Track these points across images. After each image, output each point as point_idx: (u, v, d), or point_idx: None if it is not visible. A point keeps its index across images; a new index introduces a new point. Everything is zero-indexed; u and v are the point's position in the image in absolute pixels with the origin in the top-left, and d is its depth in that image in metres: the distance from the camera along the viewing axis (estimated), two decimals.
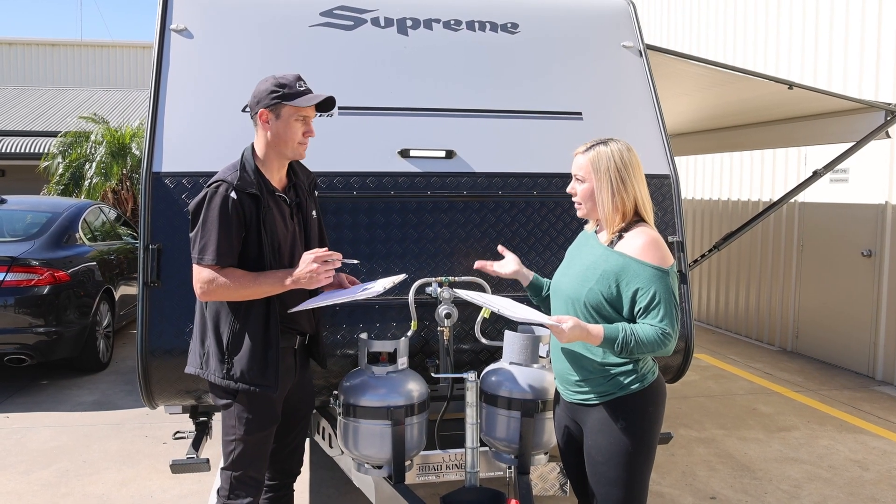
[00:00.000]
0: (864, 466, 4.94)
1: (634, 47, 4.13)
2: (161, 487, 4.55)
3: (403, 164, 3.59)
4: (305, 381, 3.01)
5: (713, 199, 9.91)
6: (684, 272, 3.62)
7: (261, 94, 2.68)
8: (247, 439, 2.72)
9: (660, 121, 3.95)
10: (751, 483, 4.64)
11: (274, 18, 3.78)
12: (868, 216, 7.25)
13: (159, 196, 3.31)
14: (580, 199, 2.61)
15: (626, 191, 2.50)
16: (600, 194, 2.52)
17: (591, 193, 2.56)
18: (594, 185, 2.54)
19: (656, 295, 2.37)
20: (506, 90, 3.88)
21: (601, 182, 2.51)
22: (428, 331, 3.41)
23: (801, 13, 8.08)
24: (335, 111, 3.62)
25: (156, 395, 3.32)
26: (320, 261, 2.57)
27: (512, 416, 2.99)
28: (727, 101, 6.13)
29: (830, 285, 7.78)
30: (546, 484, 3.28)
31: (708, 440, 5.39)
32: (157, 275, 3.22)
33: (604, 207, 2.52)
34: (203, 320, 2.73)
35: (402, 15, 3.93)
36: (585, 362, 2.52)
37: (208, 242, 2.57)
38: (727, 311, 9.59)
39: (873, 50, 7.11)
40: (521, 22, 4.05)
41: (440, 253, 3.52)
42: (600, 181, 2.52)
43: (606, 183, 2.50)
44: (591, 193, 2.56)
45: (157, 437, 5.43)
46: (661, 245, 2.45)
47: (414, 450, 3.06)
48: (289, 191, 2.83)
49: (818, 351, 7.97)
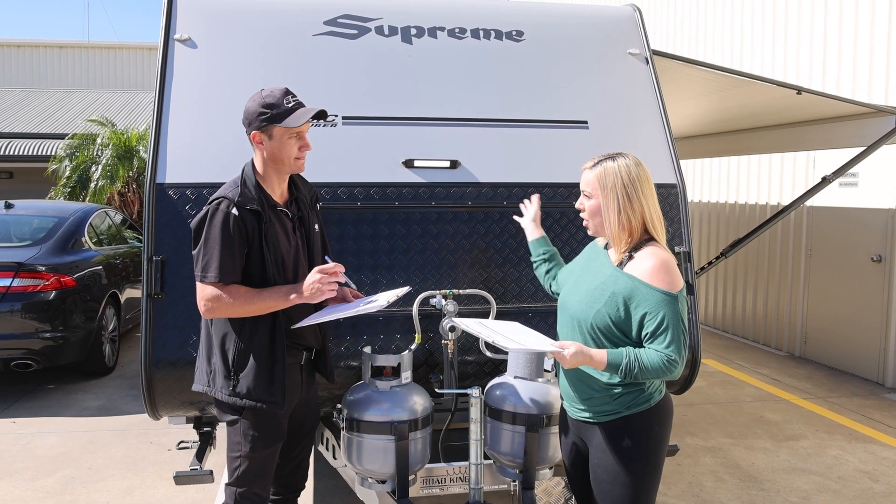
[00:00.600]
0: (874, 478, 4.88)
1: (641, 55, 4.09)
2: (166, 496, 4.54)
3: (407, 175, 3.58)
4: (311, 396, 3.00)
5: (720, 202, 9.86)
6: (691, 282, 3.59)
7: (251, 115, 2.66)
8: (252, 456, 2.70)
9: (666, 129, 3.91)
10: (758, 494, 4.59)
11: (278, 28, 3.77)
12: (878, 221, 7.19)
13: (163, 207, 3.30)
14: (587, 215, 2.57)
15: (632, 208, 2.44)
16: (607, 212, 2.48)
17: (598, 210, 2.51)
18: (601, 201, 2.49)
19: (664, 320, 2.33)
20: (511, 99, 3.85)
21: (608, 199, 2.47)
22: (432, 343, 3.39)
23: (809, 17, 8.02)
24: (339, 121, 3.61)
25: (160, 406, 3.31)
26: (325, 280, 2.56)
27: (516, 430, 2.97)
28: (734, 105, 6.09)
29: (839, 290, 7.72)
30: (551, 498, 3.26)
31: (715, 449, 5.34)
32: (160, 287, 3.22)
33: (610, 225, 2.48)
34: (209, 338, 2.72)
35: (407, 23, 3.91)
36: (591, 381, 2.49)
37: (211, 260, 2.56)
38: (735, 315, 9.53)
39: (883, 53, 7.05)
40: (527, 30, 4.03)
41: (444, 264, 3.50)
42: (607, 198, 2.47)
43: (613, 200, 2.46)
44: (598, 210, 2.51)
45: (162, 444, 5.43)
46: (672, 268, 2.40)
47: (418, 464, 3.04)
48: (291, 205, 2.81)
49: (827, 357, 7.91)
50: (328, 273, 2.56)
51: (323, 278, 2.55)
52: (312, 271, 2.60)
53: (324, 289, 2.55)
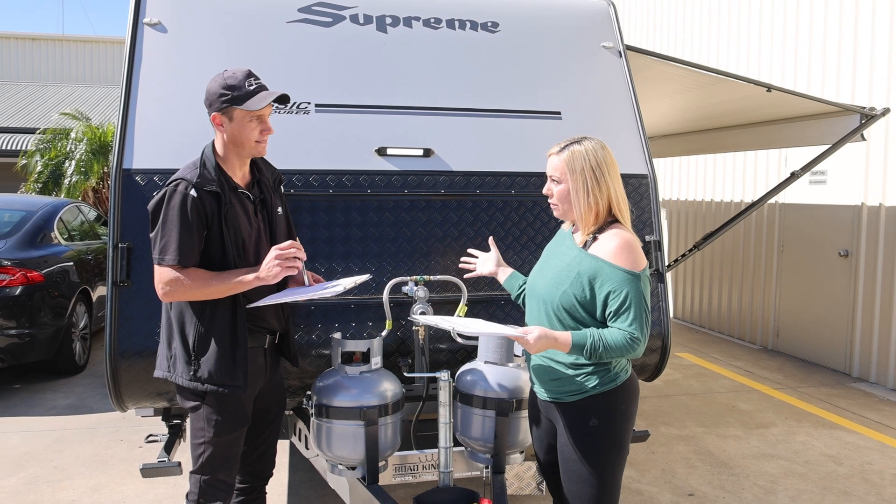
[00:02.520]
0: (838, 461, 5.00)
1: (614, 48, 4.11)
2: (135, 492, 4.47)
3: (380, 163, 3.56)
4: (276, 380, 2.97)
5: (696, 199, 9.95)
6: (661, 271, 3.62)
7: (211, 96, 2.62)
8: (216, 442, 2.67)
9: (638, 121, 3.93)
10: (728, 479, 4.65)
11: (251, 13, 3.73)
12: (845, 217, 7.31)
13: (129, 193, 3.25)
14: (556, 200, 2.58)
15: (599, 190, 2.47)
16: (576, 195, 2.50)
17: (567, 194, 2.53)
18: (570, 185, 2.51)
19: (627, 298, 2.36)
20: (485, 89, 3.85)
21: (577, 182, 2.49)
22: (404, 330, 3.38)
23: (781, 17, 8.12)
24: (312, 108, 3.59)
25: (125, 397, 3.26)
26: (283, 257, 2.52)
27: (487, 415, 2.96)
28: (708, 103, 6.15)
29: (810, 285, 7.83)
30: (522, 483, 3.26)
31: (688, 438, 5.40)
32: (126, 274, 3.17)
33: (579, 207, 2.50)
34: (169, 322, 2.68)
35: (382, 12, 3.89)
36: (558, 362, 2.51)
37: (169, 242, 2.53)
38: (710, 310, 9.63)
39: (849, 54, 7.16)
40: (502, 21, 4.03)
41: (417, 252, 3.49)
42: (576, 181, 2.49)
43: (582, 183, 2.48)
44: (567, 194, 2.53)
45: (133, 442, 5.34)
46: (635, 248, 2.43)
47: (388, 450, 3.02)
48: (252, 187, 2.77)
49: (798, 349, 8.03)
50: (285, 251, 2.53)
51: (279, 255, 2.52)
52: (270, 251, 2.56)
53: (283, 265, 2.51)
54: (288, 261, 2.52)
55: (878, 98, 6.75)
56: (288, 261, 2.52)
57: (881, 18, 6.82)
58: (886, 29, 6.75)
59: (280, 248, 2.54)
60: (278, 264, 2.51)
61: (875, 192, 6.94)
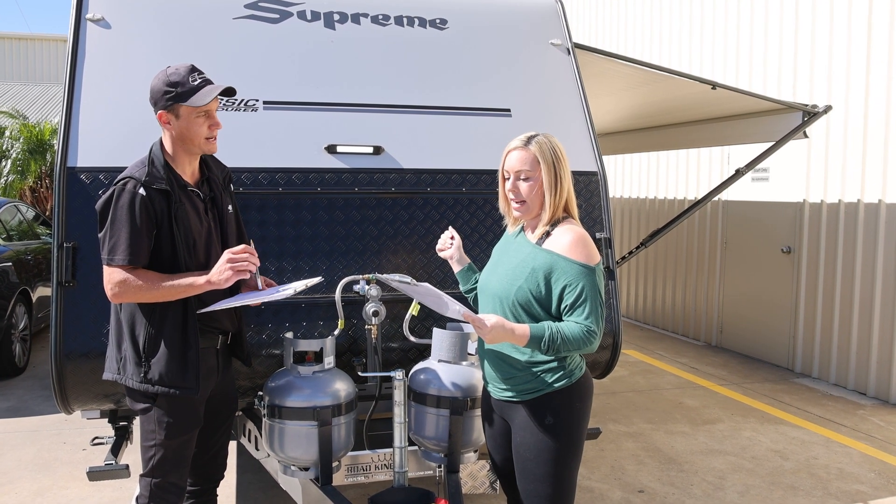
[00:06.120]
0: (784, 456, 5.10)
1: (563, 45, 4.16)
2: (79, 496, 4.36)
3: (330, 160, 3.53)
4: (228, 382, 2.92)
5: (641, 197, 10.11)
6: (612, 268, 3.67)
7: (156, 94, 2.56)
8: (167, 444, 2.61)
9: (588, 118, 3.98)
10: (677, 475, 4.73)
11: (197, 9, 3.67)
12: (787, 214, 7.51)
13: (74, 192, 3.17)
14: (525, 197, 2.50)
15: (562, 183, 2.48)
16: (550, 187, 2.46)
17: (538, 189, 2.48)
18: (543, 177, 2.46)
19: (583, 292, 2.37)
20: (434, 86, 3.85)
21: (550, 174, 2.46)
22: (356, 329, 3.36)
23: (723, 14, 8.30)
24: (260, 105, 3.55)
25: (71, 399, 3.18)
26: (235, 261, 2.48)
27: (441, 414, 2.96)
28: (654, 101, 6.25)
29: (753, 281, 8.02)
30: (476, 482, 3.27)
31: (636, 434, 5.48)
32: (72, 274, 3.09)
33: (551, 200, 2.47)
34: (118, 323, 2.62)
35: (330, 9, 3.87)
36: (513, 360, 2.51)
37: (118, 242, 2.47)
38: (654, 307, 9.80)
39: (791, 52, 7.35)
40: (450, 18, 4.04)
41: (368, 251, 3.48)
42: (549, 173, 2.46)
43: (555, 174, 2.46)
44: (538, 189, 2.48)
45: (77, 444, 5.21)
46: (588, 242, 2.45)
47: (341, 450, 3.00)
48: (202, 185, 2.72)
49: (741, 345, 8.22)
50: (237, 255, 2.50)
51: (231, 259, 2.48)
52: (223, 255, 2.52)
53: (235, 269, 2.47)
54: (240, 264, 2.48)
55: (819, 96, 6.95)
56: (240, 264, 2.48)
57: (821, 17, 7.01)
58: (826, 27, 6.95)
59: (233, 253, 2.50)
60: (230, 268, 2.47)
61: (816, 188, 7.14)
